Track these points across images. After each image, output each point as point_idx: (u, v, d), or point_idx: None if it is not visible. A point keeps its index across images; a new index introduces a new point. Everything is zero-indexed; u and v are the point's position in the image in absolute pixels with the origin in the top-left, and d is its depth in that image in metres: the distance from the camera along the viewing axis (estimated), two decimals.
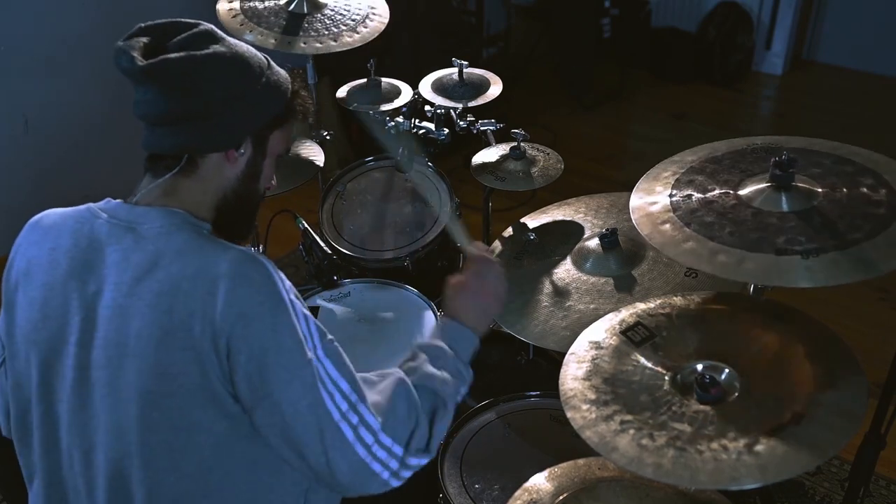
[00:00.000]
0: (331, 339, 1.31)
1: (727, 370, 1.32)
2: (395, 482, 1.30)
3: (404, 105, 2.37)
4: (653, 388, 1.32)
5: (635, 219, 1.49)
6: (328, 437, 1.23)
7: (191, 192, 1.35)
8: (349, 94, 2.49)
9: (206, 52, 1.29)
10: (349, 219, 2.44)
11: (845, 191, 1.40)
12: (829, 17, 4.98)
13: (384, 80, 2.51)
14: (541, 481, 1.54)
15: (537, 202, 2.27)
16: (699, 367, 1.33)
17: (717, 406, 1.26)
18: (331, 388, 1.25)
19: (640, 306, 1.50)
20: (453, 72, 2.43)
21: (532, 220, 2.14)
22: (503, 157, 2.20)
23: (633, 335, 1.43)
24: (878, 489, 2.43)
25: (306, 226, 2.23)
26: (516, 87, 4.43)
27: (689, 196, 1.49)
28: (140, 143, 1.35)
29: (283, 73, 1.43)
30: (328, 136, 2.62)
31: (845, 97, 4.73)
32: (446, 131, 2.32)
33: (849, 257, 1.27)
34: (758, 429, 1.20)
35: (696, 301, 1.50)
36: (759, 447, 1.17)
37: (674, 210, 1.47)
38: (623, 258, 1.85)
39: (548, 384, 1.72)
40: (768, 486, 1.69)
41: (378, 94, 2.46)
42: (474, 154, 2.24)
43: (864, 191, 1.39)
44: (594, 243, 1.89)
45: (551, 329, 1.75)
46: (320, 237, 2.36)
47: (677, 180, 1.54)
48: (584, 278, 1.85)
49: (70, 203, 1.41)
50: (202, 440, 1.26)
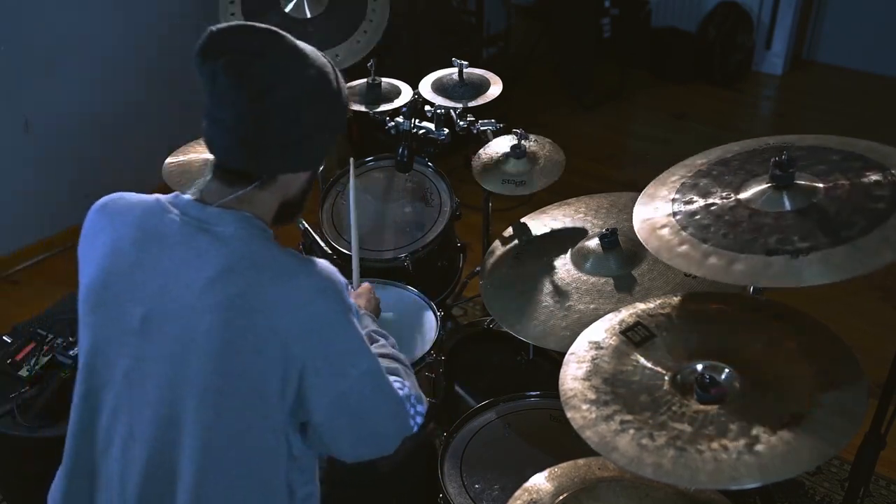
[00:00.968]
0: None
1: (727, 370, 1.32)
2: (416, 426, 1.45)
3: (404, 105, 2.37)
4: (653, 388, 1.32)
5: (637, 225, 1.49)
6: (397, 408, 1.38)
7: (265, 202, 1.36)
8: (349, 94, 2.48)
9: (308, 80, 1.29)
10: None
11: (848, 185, 1.40)
12: (829, 17, 4.98)
13: (384, 80, 2.51)
14: (541, 481, 1.54)
15: (537, 202, 2.27)
16: (699, 367, 1.34)
17: (716, 406, 1.27)
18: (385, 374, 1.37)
19: (640, 306, 1.50)
20: (453, 72, 2.43)
21: (532, 221, 2.14)
22: (504, 157, 2.20)
23: (633, 335, 1.43)
24: (878, 489, 2.43)
25: (306, 226, 2.23)
26: (516, 87, 4.42)
27: (690, 200, 1.49)
28: (216, 155, 1.33)
29: (339, 73, 1.42)
30: None
31: (845, 97, 4.73)
32: (446, 131, 2.32)
33: (839, 255, 1.27)
34: (758, 429, 1.20)
35: (696, 301, 1.50)
36: (759, 447, 1.17)
37: (674, 215, 1.47)
38: (623, 258, 1.85)
39: (548, 384, 1.72)
40: (768, 486, 1.69)
41: (378, 94, 2.46)
42: (474, 154, 2.24)
43: (867, 183, 1.39)
44: (594, 243, 1.89)
45: (551, 329, 1.75)
46: (320, 237, 2.36)
47: (683, 184, 1.54)
48: (584, 278, 1.85)
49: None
50: (251, 443, 1.29)
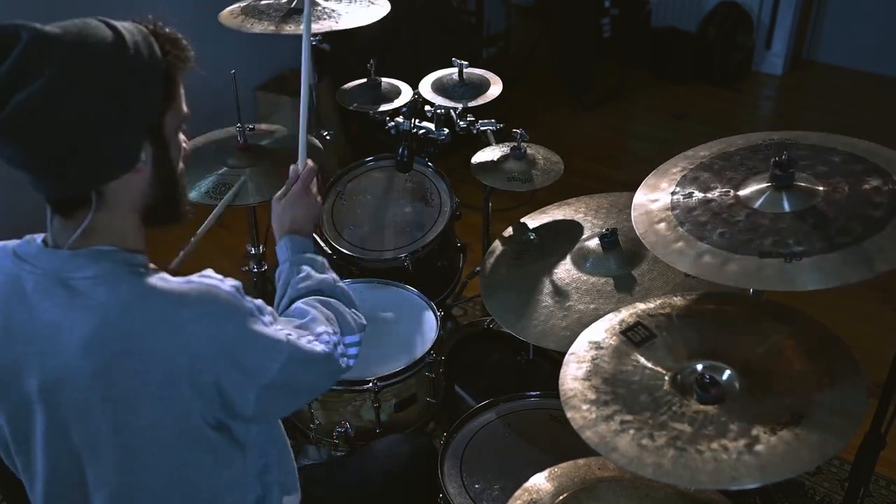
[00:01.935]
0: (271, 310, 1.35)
1: (727, 370, 1.32)
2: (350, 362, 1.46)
3: (404, 105, 2.37)
4: (653, 388, 1.32)
5: (635, 216, 1.50)
6: (326, 365, 1.36)
7: (111, 225, 1.21)
8: (349, 94, 2.49)
9: (51, 78, 1.08)
10: (349, 219, 2.44)
11: (847, 190, 1.40)
12: (829, 17, 4.98)
13: (384, 80, 2.51)
14: (541, 481, 1.54)
15: (537, 202, 2.27)
16: (699, 367, 1.34)
17: (717, 406, 1.27)
18: (305, 343, 1.32)
19: (640, 306, 1.50)
20: (453, 72, 2.43)
21: (532, 220, 2.14)
22: (503, 157, 2.21)
23: (633, 335, 1.43)
24: (878, 489, 2.43)
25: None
26: (516, 87, 4.42)
27: (690, 194, 1.49)
28: (36, 191, 1.19)
29: (142, 39, 1.17)
30: (328, 136, 2.62)
31: (845, 97, 4.72)
32: (446, 131, 2.32)
33: (832, 262, 1.27)
34: (758, 429, 1.20)
35: (696, 301, 1.50)
36: (759, 447, 1.17)
37: (672, 208, 1.47)
38: (623, 258, 1.85)
39: (548, 384, 1.72)
40: (768, 486, 1.69)
41: (378, 94, 2.46)
42: (474, 154, 2.24)
43: (868, 189, 1.39)
44: (594, 243, 1.89)
45: (551, 329, 1.75)
46: (320, 237, 2.36)
47: (684, 177, 1.54)
48: (584, 278, 1.85)
49: None
50: (189, 473, 1.27)
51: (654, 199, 1.52)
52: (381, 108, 2.41)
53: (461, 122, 2.32)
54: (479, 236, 2.53)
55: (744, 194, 1.45)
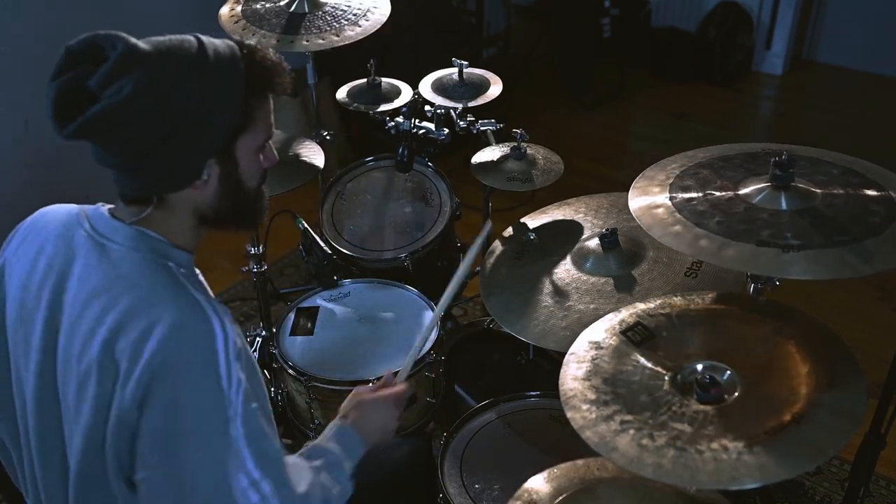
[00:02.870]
0: (255, 407, 1.22)
1: (727, 370, 1.32)
2: None
3: (404, 105, 2.37)
4: (653, 388, 1.32)
5: (632, 200, 1.51)
6: None
7: (166, 221, 1.30)
8: (349, 94, 2.49)
9: (128, 93, 1.14)
10: (349, 219, 2.44)
11: (844, 195, 1.41)
12: (829, 17, 4.98)
13: (384, 80, 2.51)
14: (540, 482, 1.54)
15: (537, 202, 2.27)
16: (699, 367, 1.34)
17: (717, 406, 1.27)
18: (242, 462, 1.19)
19: (640, 306, 1.50)
20: (453, 72, 2.43)
21: (532, 221, 2.14)
22: (503, 157, 2.21)
23: (633, 335, 1.43)
24: (878, 489, 2.43)
25: (306, 226, 2.23)
26: (516, 87, 4.42)
27: (688, 186, 1.50)
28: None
29: (227, 62, 1.23)
30: (328, 136, 2.62)
31: (845, 97, 4.73)
32: (446, 131, 2.32)
33: (828, 257, 1.28)
34: (758, 429, 1.20)
35: (696, 301, 1.50)
36: (759, 447, 1.17)
37: (671, 198, 1.49)
38: (623, 258, 1.85)
39: (548, 384, 1.72)
40: (768, 486, 1.69)
41: (378, 94, 2.46)
42: (474, 154, 2.24)
43: (865, 196, 1.40)
44: (594, 243, 1.89)
45: (551, 329, 1.75)
46: (320, 237, 2.36)
47: (683, 171, 1.55)
48: (584, 278, 1.85)
49: (71, 203, 1.40)
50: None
51: (652, 190, 1.53)
52: (381, 108, 2.41)
53: (461, 122, 2.32)
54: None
55: (743, 192, 1.46)
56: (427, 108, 2.36)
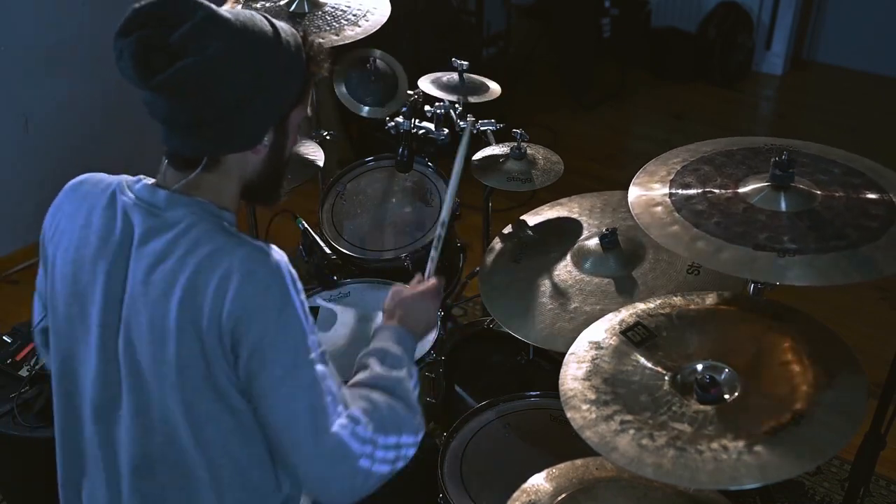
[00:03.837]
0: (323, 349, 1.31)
1: (727, 370, 1.32)
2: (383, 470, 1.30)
3: (404, 105, 2.36)
4: (653, 388, 1.32)
5: (632, 199, 1.50)
6: (324, 440, 1.23)
7: (215, 186, 1.33)
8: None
9: (216, 52, 1.21)
10: (349, 219, 2.44)
11: (844, 198, 1.41)
12: (829, 17, 4.98)
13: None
14: (539, 482, 1.54)
15: (537, 202, 2.27)
16: (699, 367, 1.34)
17: (717, 406, 1.26)
18: (326, 390, 1.25)
19: (640, 306, 1.50)
20: (453, 74, 2.43)
21: (529, 220, 2.14)
22: (503, 157, 2.21)
23: (633, 335, 1.43)
24: (878, 489, 2.43)
25: (306, 226, 2.23)
26: (516, 87, 4.42)
27: (689, 184, 1.50)
28: (163, 142, 1.31)
29: (293, 39, 1.33)
30: (328, 136, 2.62)
31: (845, 97, 4.73)
32: (446, 131, 2.32)
33: (824, 262, 1.28)
34: (758, 429, 1.20)
35: (696, 301, 1.50)
36: (759, 447, 1.17)
37: (670, 195, 1.48)
38: (623, 258, 1.85)
39: (548, 384, 1.72)
40: (768, 486, 1.69)
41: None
42: (474, 154, 2.24)
43: (864, 199, 1.40)
44: (594, 243, 1.89)
45: (559, 332, 1.74)
46: (320, 237, 2.35)
47: (684, 167, 1.55)
48: (588, 279, 1.85)
49: None
50: (211, 432, 1.28)
51: (652, 186, 1.53)
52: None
53: (461, 122, 2.32)
54: (479, 236, 2.53)
55: (743, 191, 1.46)
56: (427, 108, 2.36)
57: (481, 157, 2.23)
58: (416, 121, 2.33)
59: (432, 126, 2.32)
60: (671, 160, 1.60)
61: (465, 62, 2.40)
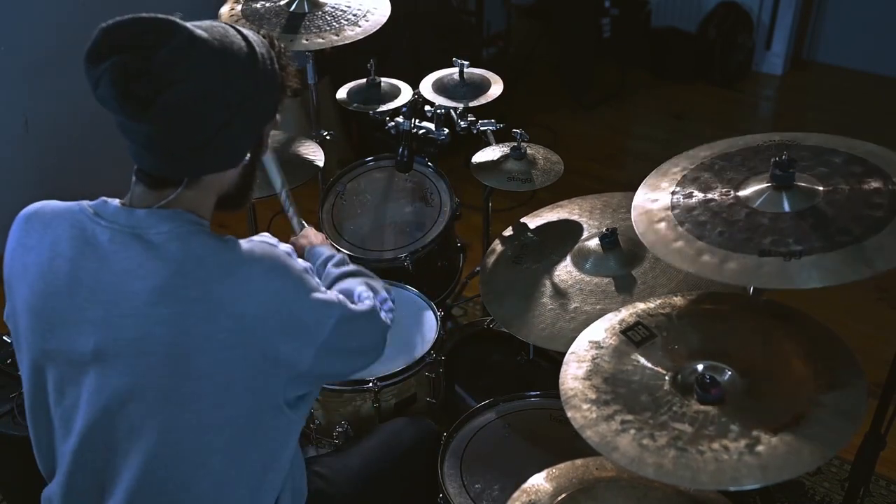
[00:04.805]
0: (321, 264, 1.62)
1: (727, 370, 1.32)
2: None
3: (404, 105, 2.36)
4: (653, 388, 1.32)
5: (635, 216, 1.50)
6: (372, 323, 1.44)
7: (195, 200, 1.32)
8: (349, 94, 2.49)
9: (200, 79, 1.19)
10: (349, 219, 2.44)
11: (848, 190, 1.40)
12: (829, 17, 4.97)
13: (384, 80, 2.51)
14: (539, 482, 1.54)
15: (537, 202, 2.27)
16: (699, 367, 1.34)
17: (717, 406, 1.26)
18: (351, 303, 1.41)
19: (640, 306, 1.50)
20: (454, 72, 2.43)
21: (529, 221, 2.14)
22: (503, 157, 2.21)
23: (633, 335, 1.43)
24: (878, 489, 2.43)
25: (306, 226, 2.23)
26: (516, 87, 4.42)
27: (690, 194, 1.49)
28: (134, 161, 1.28)
29: (266, 52, 1.31)
30: (328, 136, 2.62)
31: (845, 97, 4.72)
32: (446, 131, 2.32)
33: (832, 260, 1.27)
34: (758, 429, 1.20)
35: (696, 301, 1.50)
36: (759, 447, 1.17)
37: (672, 208, 1.47)
38: (623, 258, 1.85)
39: (548, 384, 1.72)
40: (768, 486, 1.69)
41: (378, 94, 2.46)
42: (474, 154, 2.24)
43: (868, 190, 1.39)
44: (594, 243, 1.89)
45: (559, 332, 1.74)
46: None
47: (684, 177, 1.54)
48: (588, 279, 1.85)
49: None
50: (246, 437, 1.32)
51: (654, 199, 1.51)
52: (381, 108, 2.41)
53: (461, 122, 2.32)
54: (479, 236, 2.53)
55: (744, 194, 1.45)
56: (427, 108, 2.36)
57: (481, 157, 2.23)
58: (416, 121, 2.33)
59: (432, 126, 2.32)
60: (671, 171, 1.58)
61: (465, 62, 2.40)
